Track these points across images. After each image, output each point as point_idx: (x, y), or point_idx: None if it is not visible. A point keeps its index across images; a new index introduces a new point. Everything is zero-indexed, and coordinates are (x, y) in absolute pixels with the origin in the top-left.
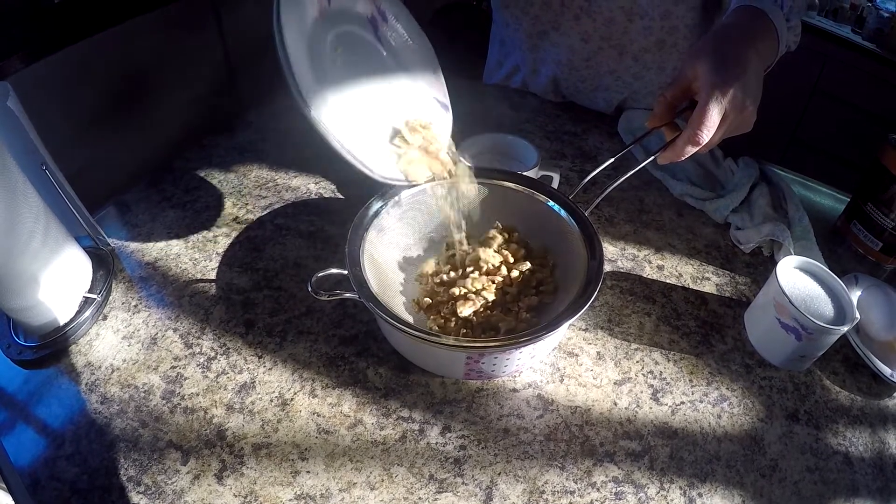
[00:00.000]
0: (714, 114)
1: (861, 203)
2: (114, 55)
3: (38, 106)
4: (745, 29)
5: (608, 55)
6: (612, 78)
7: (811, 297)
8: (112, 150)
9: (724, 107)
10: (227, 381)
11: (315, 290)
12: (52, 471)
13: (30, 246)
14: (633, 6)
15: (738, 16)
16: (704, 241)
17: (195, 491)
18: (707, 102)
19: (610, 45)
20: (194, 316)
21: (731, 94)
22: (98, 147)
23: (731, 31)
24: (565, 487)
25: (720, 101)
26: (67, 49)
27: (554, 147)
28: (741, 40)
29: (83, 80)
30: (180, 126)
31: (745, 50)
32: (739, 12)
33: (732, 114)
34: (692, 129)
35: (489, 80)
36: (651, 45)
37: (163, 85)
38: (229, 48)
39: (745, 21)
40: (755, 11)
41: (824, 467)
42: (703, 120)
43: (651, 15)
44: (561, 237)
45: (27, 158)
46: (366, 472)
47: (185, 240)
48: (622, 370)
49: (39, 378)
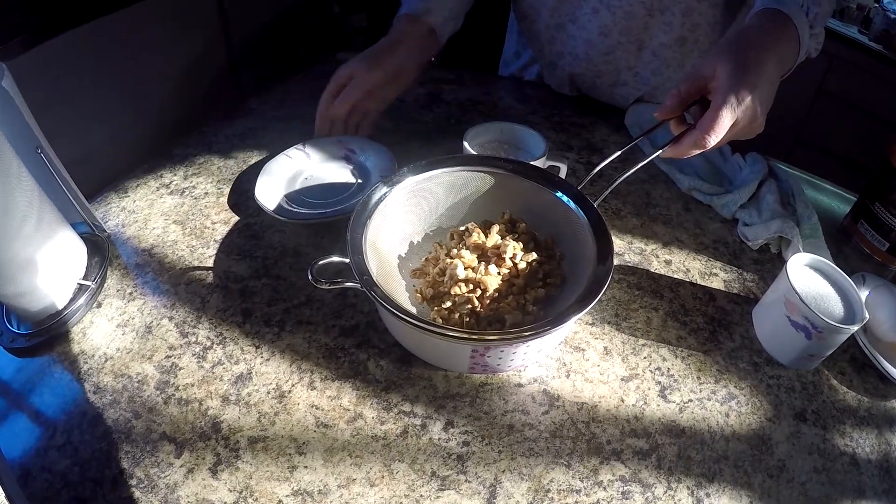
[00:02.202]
0: (726, 120)
1: (868, 203)
2: (114, 41)
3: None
4: (768, 34)
5: (627, 50)
6: (631, 74)
7: (821, 295)
8: (110, 136)
9: (736, 114)
10: (223, 371)
11: (315, 279)
12: (43, 461)
13: (23, 230)
14: (655, 1)
15: (762, 19)
16: (712, 237)
17: (189, 485)
18: (721, 107)
19: (629, 39)
20: (190, 304)
21: (746, 102)
22: (96, 132)
23: (754, 34)
24: (571, 486)
25: (733, 108)
26: (67, 34)
27: (560, 139)
28: (763, 46)
29: (83, 64)
30: (180, 112)
31: (766, 56)
32: (765, 15)
33: (743, 121)
34: (701, 133)
35: (504, 70)
36: (671, 42)
37: (163, 70)
38: (231, 34)
39: (769, 25)
40: (780, 16)
41: (831, 468)
42: (713, 125)
43: (672, 10)
44: (569, 228)
45: (22, 141)
46: (365, 468)
47: (182, 226)
48: (629, 366)
49: (32, 366)
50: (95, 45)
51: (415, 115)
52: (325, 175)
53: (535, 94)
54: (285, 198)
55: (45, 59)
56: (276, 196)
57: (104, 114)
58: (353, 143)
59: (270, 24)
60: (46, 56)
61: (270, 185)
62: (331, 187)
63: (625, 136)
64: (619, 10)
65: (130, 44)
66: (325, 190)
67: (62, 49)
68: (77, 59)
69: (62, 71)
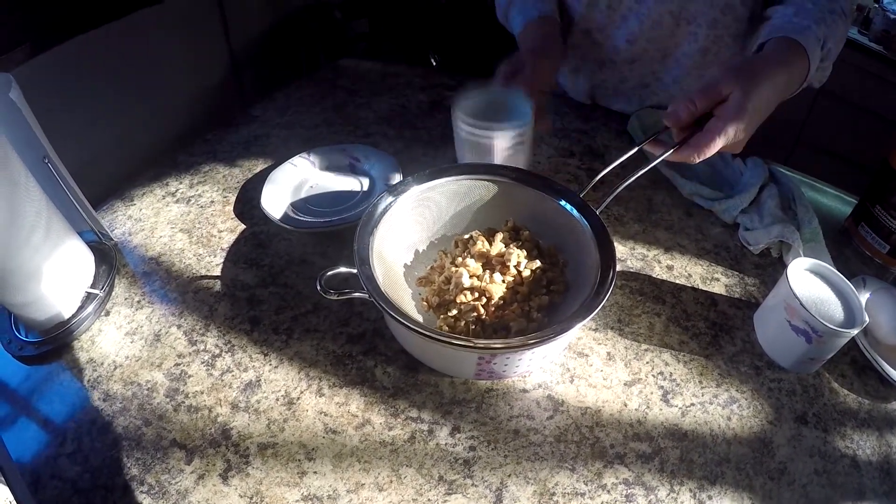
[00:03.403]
0: (718, 145)
1: (869, 205)
2: (118, 49)
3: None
4: (785, 70)
5: (652, 57)
6: (653, 78)
7: (821, 299)
8: (115, 144)
9: (727, 142)
10: (233, 379)
11: (324, 289)
12: (53, 469)
13: (31, 240)
14: (682, 11)
15: (783, 51)
16: (713, 242)
17: (199, 491)
18: (719, 133)
19: (655, 48)
20: (198, 312)
21: (740, 134)
22: (101, 141)
23: (773, 69)
24: (576, 489)
25: (728, 137)
26: (71, 42)
27: (563, 145)
28: (775, 82)
29: (87, 73)
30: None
31: (774, 94)
32: (787, 47)
33: (728, 146)
34: (692, 150)
35: None
36: (694, 52)
37: (167, 79)
38: (233, 42)
39: (788, 57)
40: (800, 50)
41: (832, 470)
42: (707, 147)
43: (698, 21)
44: (571, 236)
45: (29, 151)
46: (374, 473)
47: (189, 235)
48: (632, 371)
49: (41, 374)
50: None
51: (417, 123)
52: (330, 183)
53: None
54: (291, 206)
55: (47, 68)
56: (282, 204)
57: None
58: (358, 151)
59: (272, 30)
60: (50, 65)
61: (276, 193)
62: (336, 195)
63: (626, 142)
64: (647, 18)
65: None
66: (331, 198)
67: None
68: (79, 67)
69: (65, 79)
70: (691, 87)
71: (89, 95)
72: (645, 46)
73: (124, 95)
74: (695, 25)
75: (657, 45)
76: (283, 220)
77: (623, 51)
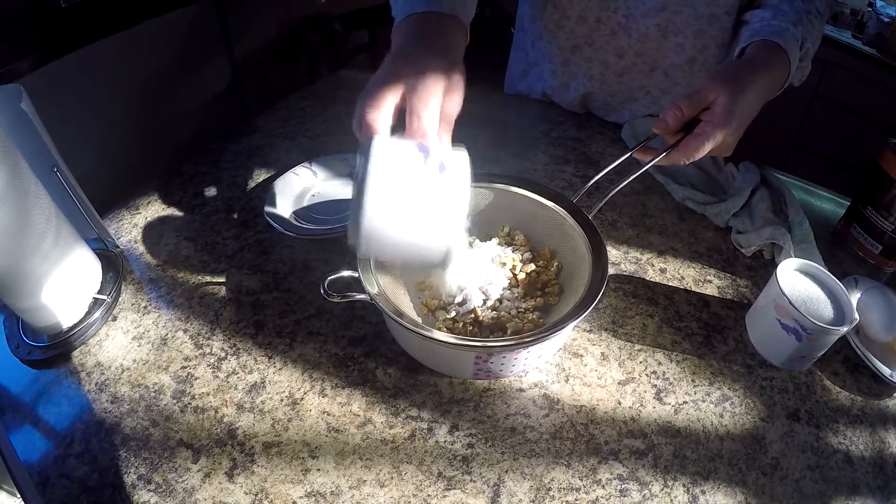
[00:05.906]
0: (707, 149)
1: (861, 207)
2: (122, 60)
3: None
4: (768, 73)
5: (641, 70)
6: (642, 92)
7: (811, 298)
8: (120, 154)
9: (715, 146)
10: (238, 380)
11: (328, 293)
12: (61, 469)
13: (40, 247)
14: (669, 24)
15: (766, 53)
16: (706, 245)
17: (206, 489)
18: (708, 137)
19: (643, 60)
20: (204, 317)
21: (728, 138)
22: (107, 150)
23: (759, 73)
24: (571, 484)
25: (715, 141)
26: (76, 53)
27: (558, 153)
28: (759, 86)
29: (93, 83)
30: (188, 130)
31: (759, 98)
32: (768, 50)
33: (716, 150)
34: (681, 154)
35: (511, 89)
36: (682, 63)
37: (171, 89)
38: (236, 53)
39: (770, 60)
40: (781, 53)
41: (825, 465)
42: (696, 150)
43: (685, 33)
44: (565, 240)
45: (39, 160)
46: (375, 470)
47: (194, 242)
48: (626, 370)
49: (48, 377)
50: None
51: None
52: (332, 192)
53: (530, 108)
54: (294, 214)
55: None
56: (285, 212)
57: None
58: None
59: (273, 42)
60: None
61: (279, 202)
62: (337, 203)
63: (620, 150)
64: (635, 32)
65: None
66: (332, 206)
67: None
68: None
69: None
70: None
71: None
72: (633, 60)
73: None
74: (681, 37)
75: (645, 57)
76: (286, 228)
77: (612, 65)
